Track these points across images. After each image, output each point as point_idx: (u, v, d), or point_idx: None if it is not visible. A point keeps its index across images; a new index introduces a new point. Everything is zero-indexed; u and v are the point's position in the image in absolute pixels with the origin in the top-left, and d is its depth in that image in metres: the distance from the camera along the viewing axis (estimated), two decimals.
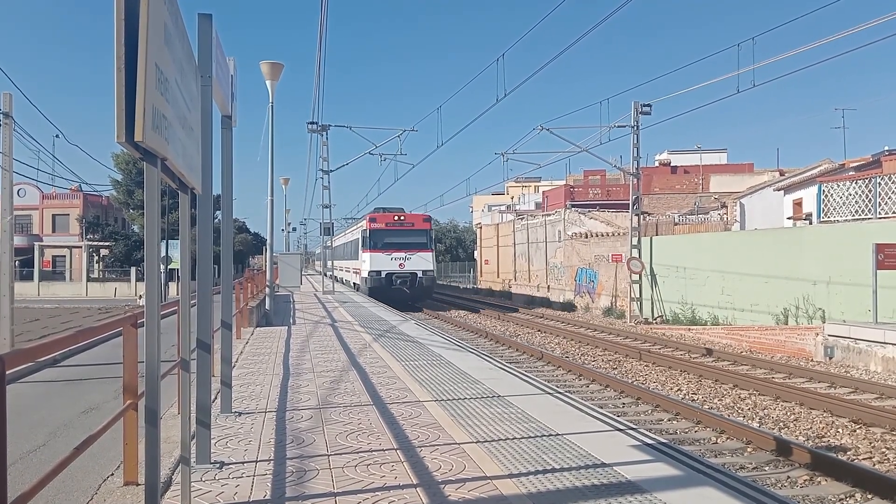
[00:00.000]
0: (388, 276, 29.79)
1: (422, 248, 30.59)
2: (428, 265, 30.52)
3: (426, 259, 30.54)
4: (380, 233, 30.45)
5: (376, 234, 30.37)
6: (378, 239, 30.30)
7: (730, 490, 4.31)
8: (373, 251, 30.13)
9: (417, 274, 30.02)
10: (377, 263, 29.83)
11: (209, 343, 5.01)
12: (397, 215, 31.48)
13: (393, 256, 29.97)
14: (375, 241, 30.25)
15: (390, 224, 30.83)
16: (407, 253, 30.13)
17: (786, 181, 33.32)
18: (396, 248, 30.08)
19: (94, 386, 12.11)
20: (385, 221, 30.89)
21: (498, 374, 8.81)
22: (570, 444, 5.41)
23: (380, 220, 31.03)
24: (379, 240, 30.29)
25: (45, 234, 60.21)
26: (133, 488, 4.62)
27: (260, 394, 7.69)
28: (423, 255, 30.42)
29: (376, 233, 30.45)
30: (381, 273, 29.78)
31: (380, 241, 30.23)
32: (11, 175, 16.67)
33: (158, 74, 2.89)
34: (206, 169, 4.77)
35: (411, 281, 29.89)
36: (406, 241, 30.37)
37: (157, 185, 3.15)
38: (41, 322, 25.24)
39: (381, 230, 30.52)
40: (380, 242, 30.22)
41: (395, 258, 29.95)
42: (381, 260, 29.88)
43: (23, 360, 2.77)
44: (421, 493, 4.32)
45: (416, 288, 30.19)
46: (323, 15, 14.71)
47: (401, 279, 29.74)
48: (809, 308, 18.45)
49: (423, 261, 30.34)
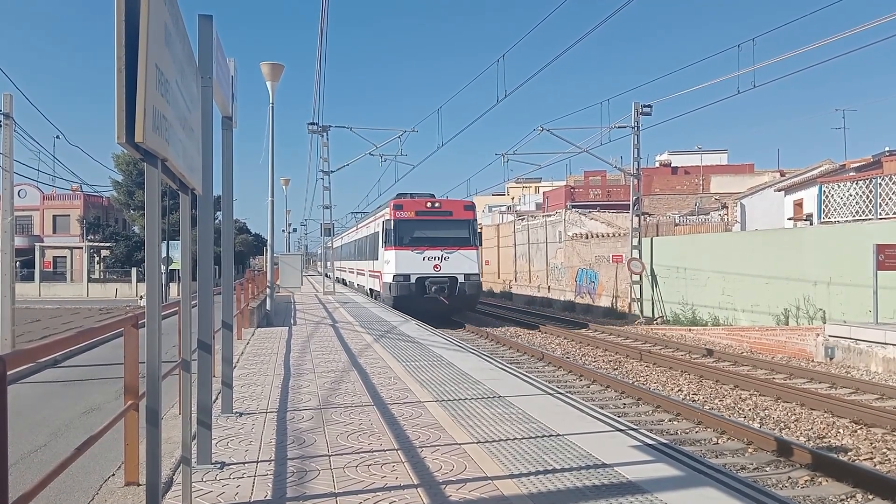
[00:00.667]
0: (420, 281, 23.04)
1: (463, 245, 23.67)
2: (472, 267, 23.61)
3: (470, 259, 23.65)
4: (408, 224, 23.70)
5: (403, 227, 23.67)
6: (405, 232, 23.61)
7: (731, 490, 4.31)
8: (399, 248, 23.44)
9: (458, 278, 23.23)
10: (404, 264, 23.17)
11: (210, 344, 5.01)
12: (431, 201, 24.44)
13: (426, 255, 23.25)
14: (402, 236, 23.57)
15: (422, 213, 23.93)
16: (444, 251, 23.40)
17: (786, 182, 33.31)
18: (430, 245, 23.41)
19: (95, 386, 12.11)
20: (414, 210, 23.92)
21: (498, 375, 8.81)
22: (570, 445, 5.41)
23: (408, 207, 23.98)
24: (407, 233, 23.61)
25: (46, 234, 60.24)
26: (134, 489, 4.63)
27: (261, 394, 7.69)
28: (465, 254, 23.60)
29: (403, 224, 23.69)
30: (409, 277, 23.05)
31: (408, 236, 23.56)
32: (12, 176, 16.69)
33: (159, 75, 2.89)
34: (206, 170, 4.78)
35: (450, 287, 23.08)
36: (443, 236, 23.61)
37: (157, 186, 3.16)
38: (42, 323, 25.25)
39: (410, 221, 23.73)
40: (408, 237, 23.57)
41: (429, 258, 23.23)
42: (409, 260, 23.23)
43: (24, 360, 2.77)
44: (422, 494, 4.32)
45: (457, 297, 23.29)
46: (323, 16, 14.72)
47: (436, 285, 22.93)
48: (810, 309, 18.44)
49: (465, 261, 23.53)
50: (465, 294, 23.43)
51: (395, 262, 23.37)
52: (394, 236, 23.67)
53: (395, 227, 23.76)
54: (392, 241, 23.69)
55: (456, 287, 23.27)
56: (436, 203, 24.42)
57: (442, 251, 23.44)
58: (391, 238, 23.76)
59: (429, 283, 23.05)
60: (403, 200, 24.45)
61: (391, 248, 23.71)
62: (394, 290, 23.14)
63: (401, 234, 23.64)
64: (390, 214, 24.03)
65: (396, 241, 23.56)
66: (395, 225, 23.79)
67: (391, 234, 23.77)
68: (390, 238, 23.81)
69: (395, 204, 24.23)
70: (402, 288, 23.04)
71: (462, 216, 24.31)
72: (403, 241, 23.58)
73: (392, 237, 23.72)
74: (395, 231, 23.71)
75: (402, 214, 23.90)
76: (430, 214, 24.04)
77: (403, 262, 23.28)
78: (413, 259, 23.30)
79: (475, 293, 24.08)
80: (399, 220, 23.80)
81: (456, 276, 23.32)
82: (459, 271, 23.41)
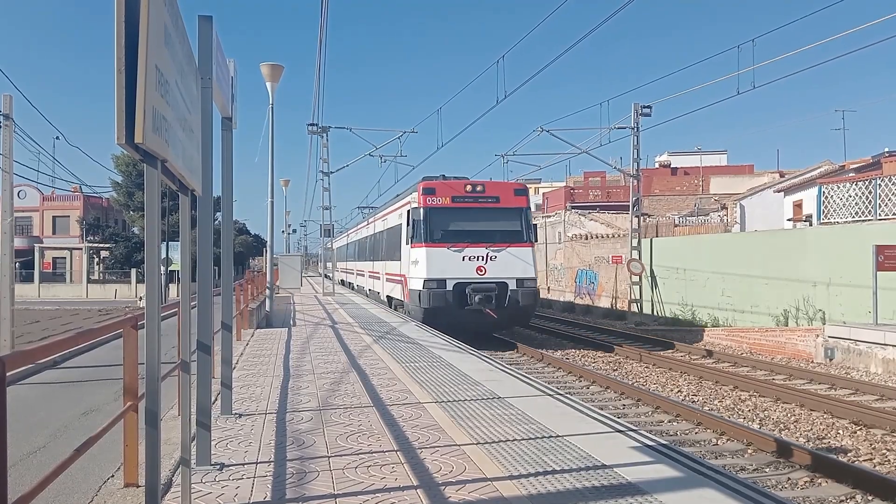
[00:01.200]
0: (460, 288, 17.64)
1: (515, 241, 18.43)
2: (526, 269, 18.26)
3: (523, 259, 18.33)
4: (443, 214, 18.45)
5: (436, 217, 18.39)
6: (439, 224, 18.35)
7: (730, 492, 4.31)
8: (431, 245, 18.12)
9: (508, 284, 17.89)
10: (439, 266, 17.86)
11: (209, 345, 5.01)
12: (471, 184, 19.05)
13: (466, 255, 18.01)
14: (434, 229, 18.29)
15: (460, 199, 18.68)
16: (490, 248, 18.15)
17: (786, 183, 33.34)
18: (472, 241, 18.16)
19: (94, 387, 12.11)
20: (450, 195, 18.65)
21: (498, 376, 8.81)
22: (570, 446, 5.41)
23: (442, 191, 18.65)
24: (441, 225, 18.35)
25: (46, 235, 60.24)
26: (133, 490, 4.62)
27: (260, 395, 7.68)
28: (517, 253, 18.30)
29: (437, 214, 18.41)
30: (444, 283, 17.68)
31: (442, 229, 18.30)
32: (12, 177, 16.69)
33: (159, 76, 2.89)
34: (206, 170, 4.78)
35: (499, 296, 17.73)
36: (488, 229, 18.49)
37: (157, 187, 3.15)
38: (41, 324, 25.25)
39: (445, 210, 18.48)
40: (442, 230, 18.30)
41: (471, 258, 18.00)
42: (445, 260, 17.93)
43: (23, 361, 2.77)
44: (421, 495, 4.31)
45: (508, 309, 17.88)
46: (323, 17, 14.71)
47: (481, 294, 17.54)
48: (810, 309, 18.45)
49: (517, 262, 18.22)
50: (517, 305, 17.84)
51: (426, 262, 17.91)
52: (424, 229, 18.26)
53: (426, 217, 18.27)
54: (422, 236, 18.27)
55: (506, 296, 17.78)
56: (478, 186, 18.86)
57: (487, 249, 18.05)
58: (420, 232, 18.34)
59: (471, 290, 17.47)
60: (435, 183, 18.86)
61: (420, 244, 18.29)
62: (424, 301, 17.52)
63: (433, 226, 18.29)
64: (419, 201, 18.51)
65: (427, 235, 18.16)
66: (426, 214, 18.28)
67: (420, 227, 18.39)
68: (419, 232, 18.40)
69: (426, 187, 18.57)
70: (436, 297, 17.47)
71: (512, 202, 18.84)
72: (436, 235, 18.20)
73: (421, 230, 18.32)
74: (425, 222, 18.28)
75: (434, 200, 18.40)
76: (470, 201, 18.66)
77: (437, 262, 17.86)
78: (450, 259, 17.89)
79: (531, 303, 18.38)
80: (431, 209, 18.30)
81: (506, 280, 17.84)
82: (510, 275, 17.96)
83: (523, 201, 19.20)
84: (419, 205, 18.52)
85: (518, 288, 17.92)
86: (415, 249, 18.61)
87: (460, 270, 17.87)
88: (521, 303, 17.92)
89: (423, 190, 18.63)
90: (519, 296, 17.86)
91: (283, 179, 39.77)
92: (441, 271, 17.80)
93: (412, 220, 18.80)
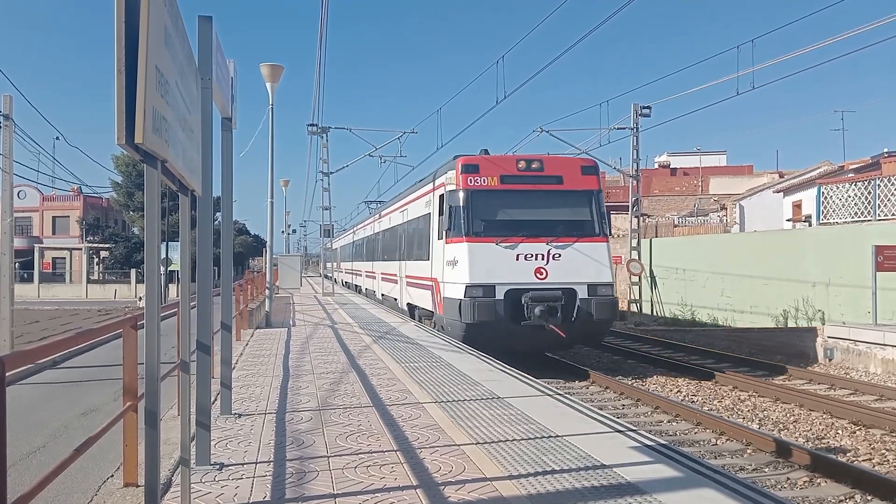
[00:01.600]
0: (514, 296, 13.41)
1: (585, 234, 14.21)
2: (601, 271, 13.96)
3: (597, 258, 14.06)
4: (489, 198, 14.22)
5: (481, 202, 14.15)
6: (485, 211, 14.15)
7: (729, 491, 4.31)
8: (474, 239, 13.86)
9: (577, 291, 13.63)
10: (485, 267, 13.59)
11: (209, 345, 5.01)
12: (525, 159, 14.63)
13: (521, 252, 13.79)
14: (478, 218, 14.06)
15: (511, 179, 14.38)
16: (553, 244, 13.90)
17: (785, 183, 33.36)
18: (529, 234, 13.91)
19: (93, 388, 12.11)
20: (498, 173, 14.32)
21: (497, 376, 8.81)
22: (569, 446, 5.42)
23: (487, 169, 14.35)
24: (487, 213, 14.15)
25: (46, 235, 60.25)
26: (133, 490, 4.63)
27: (260, 395, 7.69)
28: (588, 250, 14.05)
29: (481, 198, 14.16)
30: (493, 290, 13.42)
31: (488, 218, 14.12)
32: (12, 177, 16.70)
33: (159, 76, 2.90)
34: (206, 171, 4.78)
35: (566, 308, 13.46)
36: (550, 218, 14.30)
37: (157, 187, 3.16)
38: (41, 324, 25.25)
39: (493, 193, 14.23)
40: (488, 220, 14.10)
41: (528, 256, 13.77)
42: (493, 259, 13.67)
43: (23, 361, 2.78)
44: (421, 495, 4.32)
45: (578, 323, 13.58)
46: (323, 17, 14.71)
47: (543, 304, 13.26)
48: (809, 310, 18.46)
49: (588, 262, 13.93)
50: (590, 319, 13.38)
51: (468, 263, 13.49)
52: (465, 219, 13.86)
53: (468, 202, 13.94)
54: (462, 228, 13.88)
55: (574, 307, 13.39)
56: (533, 162, 14.41)
57: (549, 245, 13.71)
58: (460, 222, 13.96)
59: (529, 300, 13.13)
60: (478, 158, 14.63)
61: (459, 238, 13.88)
62: (467, 313, 13.08)
63: (477, 214, 13.92)
64: (456, 181, 14.18)
65: (469, 226, 13.79)
66: (468, 199, 13.95)
67: (460, 216, 13.97)
68: (458, 222, 14.02)
69: (466, 164, 14.22)
70: (483, 309, 13.01)
71: (580, 183, 14.41)
72: (481, 227, 13.88)
73: (462, 221, 13.91)
74: (466, 210, 13.89)
75: (477, 181, 14.04)
76: (525, 181, 14.22)
77: (484, 262, 13.47)
78: (500, 258, 13.52)
79: (607, 317, 13.76)
80: (474, 192, 13.96)
81: (574, 286, 13.46)
82: (580, 279, 13.55)
83: (593, 182, 14.68)
84: (458, 186, 14.09)
85: (590, 297, 13.49)
86: (452, 246, 14.15)
87: (514, 273, 13.46)
88: (596, 316, 13.38)
89: (463, 167, 14.11)
90: (592, 307, 13.36)
91: (283, 180, 39.83)
92: (489, 274, 13.36)
93: (448, 207, 14.35)
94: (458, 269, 13.81)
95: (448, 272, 14.31)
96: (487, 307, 13.13)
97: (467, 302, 13.20)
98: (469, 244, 13.75)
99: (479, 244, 13.73)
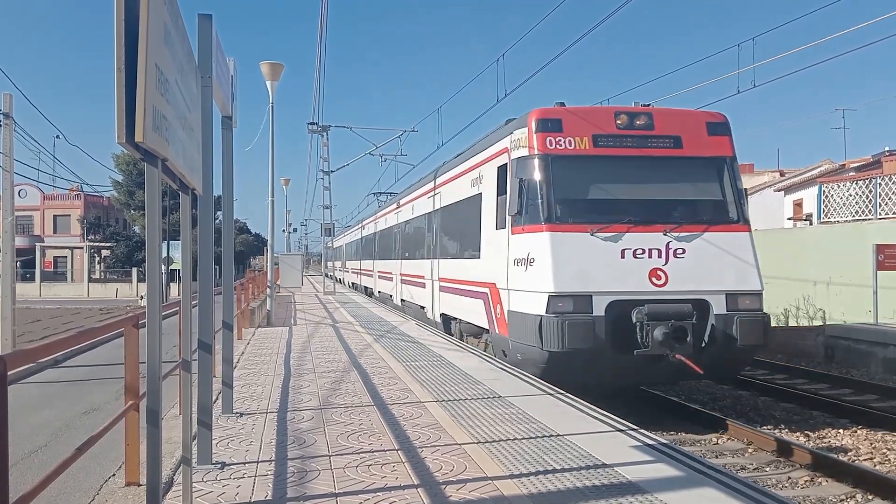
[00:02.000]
0: (619, 309, 8.97)
1: (717, 221, 9.82)
2: (746, 274, 9.51)
3: (738, 254, 9.61)
4: (578, 167, 9.83)
5: (566, 173, 9.71)
6: (572, 188, 9.80)
7: (731, 491, 4.31)
8: (557, 228, 9.41)
9: (712, 305, 9.21)
10: (574, 270, 9.16)
11: (210, 344, 5.02)
12: (627, 112, 10.14)
13: (628, 246, 9.35)
14: (560, 196, 9.61)
15: (609, 140, 9.88)
16: (673, 234, 9.50)
17: (786, 182, 33.34)
18: (638, 219, 9.57)
19: (95, 387, 12.12)
20: (589, 132, 9.82)
21: (499, 375, 8.81)
22: (571, 445, 5.41)
23: (572, 126, 9.85)
24: (575, 190, 9.85)
25: (47, 234, 60.31)
26: (134, 489, 4.63)
27: (261, 394, 7.69)
28: (723, 242, 9.64)
29: (566, 167, 9.73)
30: (588, 301, 9.00)
31: (578, 197, 9.88)
32: (12, 176, 16.70)
33: (159, 75, 2.89)
34: (206, 169, 4.78)
35: (697, 329, 8.98)
36: (665, 197, 10.11)
37: (157, 186, 3.16)
38: (42, 323, 25.27)
39: (584, 159, 9.83)
40: (577, 201, 9.82)
41: (638, 252, 9.33)
42: (587, 258, 9.24)
43: (24, 360, 2.78)
44: (422, 494, 4.32)
45: (713, 350, 9.15)
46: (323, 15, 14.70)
47: (665, 323, 8.79)
48: (810, 308, 18.45)
49: (727, 260, 9.52)
50: (730, 345, 9.21)
51: (551, 261, 9.29)
52: (544, 197, 9.66)
53: (548, 173, 9.70)
54: (540, 211, 9.65)
55: (706, 326, 9.27)
56: (638, 117, 10.17)
57: (667, 235, 9.54)
58: (536, 202, 9.72)
59: (645, 317, 8.94)
60: (560, 111, 10.18)
61: (536, 226, 9.65)
62: (552, 337, 8.87)
63: (562, 190, 9.72)
64: (529, 143, 9.97)
65: (550, 209, 9.59)
66: (548, 168, 9.72)
67: (535, 193, 9.75)
68: (533, 202, 9.76)
69: (544, 118, 9.95)
70: (577, 331, 8.82)
71: (706, 148, 10.22)
72: (568, 210, 9.69)
73: (539, 200, 9.69)
74: (546, 184, 9.68)
75: (561, 143, 9.82)
76: (628, 143, 10.02)
77: (574, 261, 9.32)
78: (598, 255, 9.37)
79: (756, 342, 9.34)
80: (558, 159, 9.76)
81: (706, 297, 9.30)
82: (715, 286, 9.40)
83: (725, 145, 10.23)
84: (531, 151, 9.80)
85: (730, 311, 9.22)
86: (523, 238, 9.85)
87: (619, 277, 9.24)
88: (740, 341, 9.08)
89: (540, 124, 9.83)
90: (734, 328, 9.11)
91: (284, 178, 39.77)
92: (583, 279, 9.16)
93: (516, 182, 9.91)
94: (536, 271, 9.37)
95: (516, 275, 9.93)
96: (582, 328, 8.76)
97: (552, 320, 8.80)
98: (552, 234, 9.33)
99: (568, 234, 9.35)
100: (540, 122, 9.87)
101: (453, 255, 14.21)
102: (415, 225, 19.12)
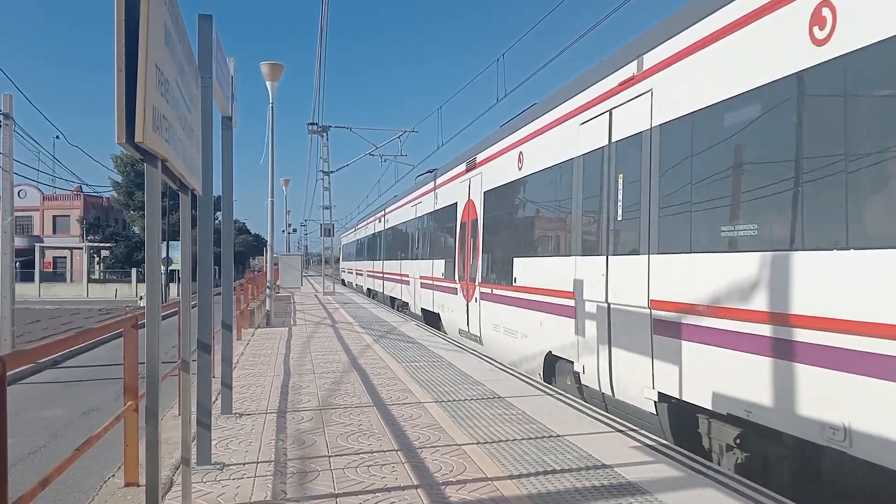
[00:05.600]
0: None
1: None
2: None
3: None
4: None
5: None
6: None
7: (730, 491, 4.31)
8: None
9: None
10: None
11: (210, 344, 5.01)
12: None
13: None
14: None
15: None
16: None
17: None
18: None
19: (94, 387, 12.12)
20: None
21: (498, 376, 8.81)
22: (570, 446, 5.41)
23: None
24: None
25: (46, 235, 60.26)
26: (134, 489, 4.62)
27: (261, 395, 7.69)
28: None
29: None
30: None
31: None
32: (12, 176, 16.71)
33: (159, 75, 2.89)
34: (206, 170, 4.78)
35: None
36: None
37: (157, 187, 3.15)
38: (42, 323, 25.25)
39: None
40: None
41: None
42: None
43: (23, 361, 2.78)
44: (422, 494, 4.31)
45: None
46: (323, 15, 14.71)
47: None
48: None
49: None
50: None
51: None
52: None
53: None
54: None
55: None
56: None
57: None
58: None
59: None
60: None
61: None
62: None
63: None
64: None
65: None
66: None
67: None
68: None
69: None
70: None
71: None
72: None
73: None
74: None
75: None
76: None
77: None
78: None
79: None
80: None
81: None
82: None
83: None
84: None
85: None
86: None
87: None
88: None
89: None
90: None
91: (284, 179, 39.73)
92: None
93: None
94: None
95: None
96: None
97: None
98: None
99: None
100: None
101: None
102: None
